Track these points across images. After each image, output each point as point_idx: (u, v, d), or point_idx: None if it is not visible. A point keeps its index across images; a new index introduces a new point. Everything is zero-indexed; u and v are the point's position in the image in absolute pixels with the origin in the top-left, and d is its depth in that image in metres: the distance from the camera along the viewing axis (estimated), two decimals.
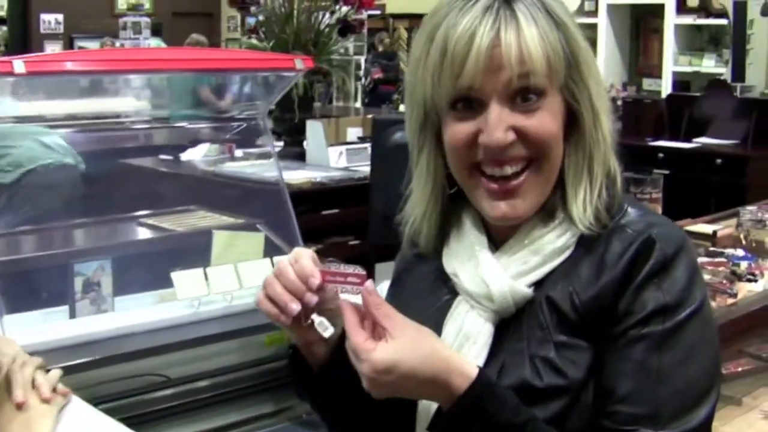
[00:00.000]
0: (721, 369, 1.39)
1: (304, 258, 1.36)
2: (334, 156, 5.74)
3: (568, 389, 1.29)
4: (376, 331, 1.26)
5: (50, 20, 14.28)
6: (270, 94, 2.74)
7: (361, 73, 11.89)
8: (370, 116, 9.62)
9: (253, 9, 6.07)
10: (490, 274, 1.35)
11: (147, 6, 14.67)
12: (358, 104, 11.56)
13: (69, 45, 14.09)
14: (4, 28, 14.78)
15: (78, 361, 2.32)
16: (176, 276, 2.52)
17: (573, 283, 1.33)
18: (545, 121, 1.31)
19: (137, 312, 2.57)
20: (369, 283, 1.28)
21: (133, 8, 14.27)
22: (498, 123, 1.28)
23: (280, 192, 2.65)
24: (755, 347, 2.80)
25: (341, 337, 1.32)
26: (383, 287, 2.06)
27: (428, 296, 1.46)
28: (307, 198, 5.34)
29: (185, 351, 2.49)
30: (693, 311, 1.29)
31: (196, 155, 4.31)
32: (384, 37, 12.18)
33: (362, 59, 12.14)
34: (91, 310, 2.52)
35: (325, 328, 1.34)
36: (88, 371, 2.33)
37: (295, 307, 1.33)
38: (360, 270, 1.29)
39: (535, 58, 1.28)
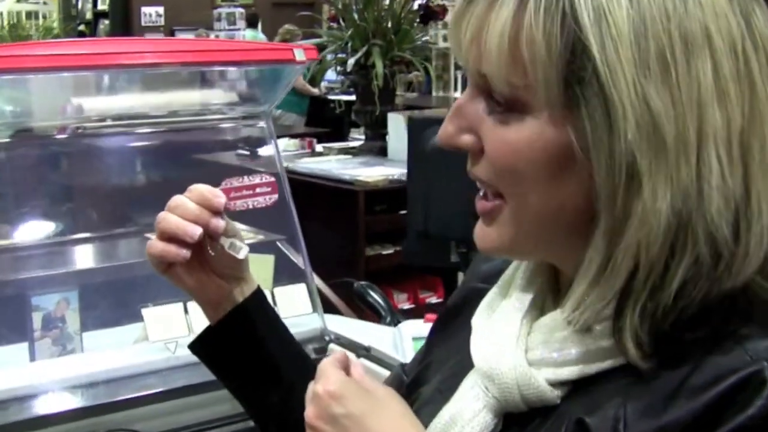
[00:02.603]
0: None
1: (199, 186, 1.20)
2: None
3: None
4: None
5: (151, 13, 14.48)
6: (271, 91, 2.31)
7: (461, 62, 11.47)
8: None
9: None
10: (500, 346, 0.95)
11: None
12: (458, 94, 11.11)
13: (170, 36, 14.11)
14: (106, 21, 14.94)
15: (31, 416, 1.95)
16: (148, 313, 2.09)
17: (626, 407, 0.85)
18: (513, 140, 0.87)
19: (109, 353, 2.16)
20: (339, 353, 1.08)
21: None
22: (454, 114, 0.93)
23: (286, 207, 2.21)
24: None
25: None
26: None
27: (463, 350, 1.04)
28: (383, 197, 5.03)
29: (164, 402, 2.07)
30: None
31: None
32: None
33: None
34: (53, 351, 2.13)
35: (238, 248, 1.18)
36: (45, 428, 1.95)
37: (196, 230, 1.15)
38: (267, 177, 1.18)
39: (492, 55, 0.87)
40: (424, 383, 1.15)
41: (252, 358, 1.34)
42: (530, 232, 0.92)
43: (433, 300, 5.38)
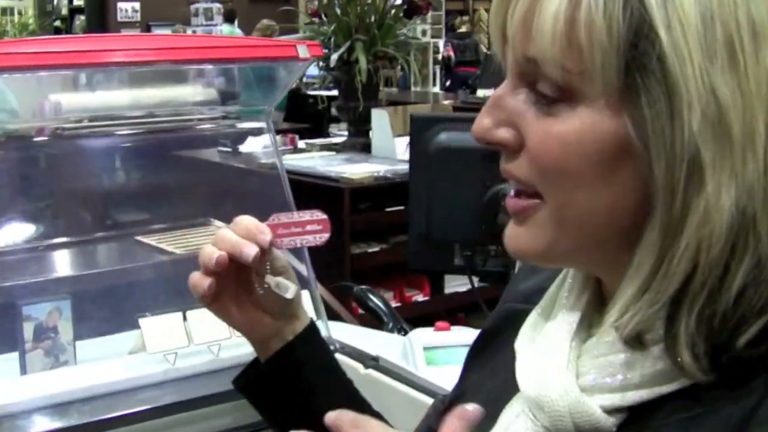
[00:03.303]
0: None
1: (245, 218, 1.15)
2: (402, 147, 5.14)
3: None
4: None
5: (127, 8, 14.43)
6: (272, 89, 2.23)
7: (439, 56, 11.42)
8: (448, 102, 9.25)
9: None
10: (548, 371, 0.86)
11: None
12: (437, 89, 11.07)
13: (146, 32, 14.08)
14: (82, 17, 14.90)
15: None
16: (146, 323, 2.00)
17: None
18: (562, 132, 0.80)
19: (105, 365, 2.06)
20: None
21: None
22: (492, 106, 0.85)
23: (286, 209, 2.13)
24: None
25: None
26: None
27: (501, 374, 0.97)
28: (369, 194, 5.04)
29: (164, 417, 1.98)
30: None
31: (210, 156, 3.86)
32: (465, 19, 11.76)
33: (440, 42, 11.71)
34: (46, 363, 2.02)
35: (285, 288, 1.15)
36: None
37: (222, 259, 1.12)
38: (319, 214, 1.13)
39: (544, 38, 0.79)
40: None
41: (296, 401, 1.28)
42: (572, 235, 0.84)
43: (420, 298, 5.34)
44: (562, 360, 0.86)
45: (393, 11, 5.52)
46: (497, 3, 0.84)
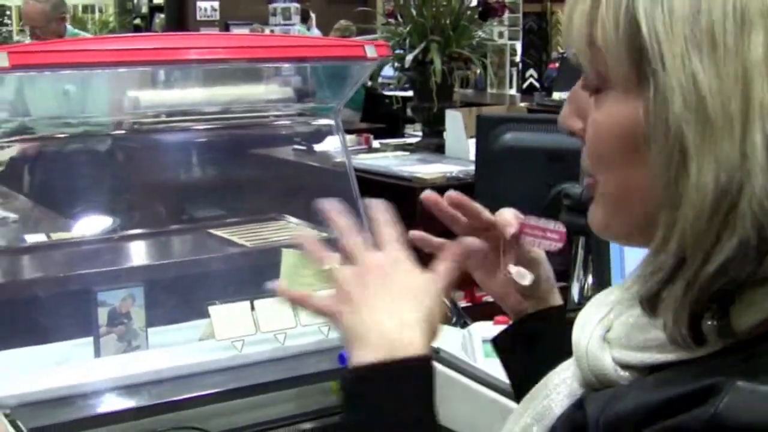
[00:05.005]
0: None
1: (506, 210, 1.30)
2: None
3: None
4: None
5: (206, 7, 14.52)
6: (341, 87, 2.28)
7: (517, 59, 11.37)
8: (524, 104, 9.25)
9: None
10: (584, 316, 0.99)
11: None
12: (513, 91, 11.03)
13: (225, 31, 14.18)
14: (162, 15, 15.07)
15: (96, 413, 1.95)
16: (215, 311, 2.07)
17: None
18: (600, 120, 0.91)
19: (175, 350, 2.14)
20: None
21: None
22: (569, 97, 0.99)
23: (354, 204, 2.18)
24: None
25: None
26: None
27: None
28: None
29: (229, 401, 2.05)
30: None
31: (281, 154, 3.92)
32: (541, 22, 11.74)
33: (518, 44, 11.67)
34: (119, 347, 2.11)
35: (523, 276, 1.29)
36: (110, 425, 1.93)
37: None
38: (560, 227, 1.26)
39: (573, 33, 0.91)
40: None
41: (525, 370, 1.33)
42: (618, 213, 0.93)
43: (490, 299, 5.33)
44: (601, 314, 0.96)
45: (468, 13, 5.52)
46: (566, 13, 0.93)
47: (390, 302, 1.08)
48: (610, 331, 0.94)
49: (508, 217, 1.29)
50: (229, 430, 2.03)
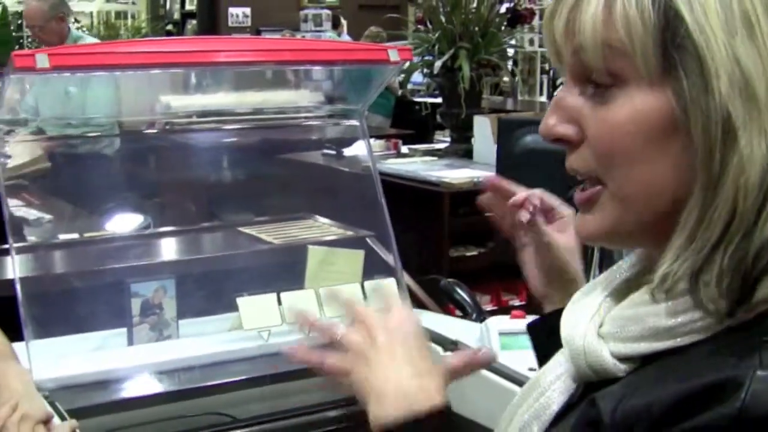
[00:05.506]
0: None
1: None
2: None
3: None
4: None
5: (238, 14, 14.56)
6: (365, 90, 2.36)
7: (547, 66, 11.41)
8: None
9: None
10: (578, 318, 1.01)
11: None
12: (544, 98, 11.07)
13: None
14: (194, 21, 15.14)
15: (128, 397, 2.06)
16: (243, 302, 2.16)
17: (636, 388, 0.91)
18: (616, 117, 0.92)
19: (204, 340, 2.23)
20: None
21: (318, 0, 14.24)
22: (554, 107, 0.98)
23: (377, 205, 2.26)
24: None
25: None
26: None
27: None
28: (469, 198, 4.99)
29: (255, 388, 2.13)
30: None
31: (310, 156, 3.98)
32: None
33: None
34: (151, 336, 2.20)
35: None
36: (141, 409, 2.04)
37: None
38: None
39: (585, 33, 0.92)
40: None
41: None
42: (634, 211, 0.94)
43: (516, 303, 5.37)
44: (591, 311, 1.00)
45: (497, 20, 5.55)
46: (546, 19, 0.98)
47: (401, 354, 1.12)
48: (602, 326, 0.98)
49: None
50: (254, 416, 2.11)
